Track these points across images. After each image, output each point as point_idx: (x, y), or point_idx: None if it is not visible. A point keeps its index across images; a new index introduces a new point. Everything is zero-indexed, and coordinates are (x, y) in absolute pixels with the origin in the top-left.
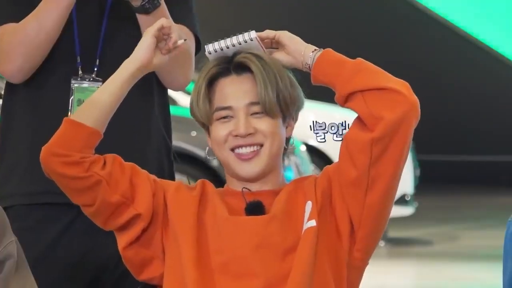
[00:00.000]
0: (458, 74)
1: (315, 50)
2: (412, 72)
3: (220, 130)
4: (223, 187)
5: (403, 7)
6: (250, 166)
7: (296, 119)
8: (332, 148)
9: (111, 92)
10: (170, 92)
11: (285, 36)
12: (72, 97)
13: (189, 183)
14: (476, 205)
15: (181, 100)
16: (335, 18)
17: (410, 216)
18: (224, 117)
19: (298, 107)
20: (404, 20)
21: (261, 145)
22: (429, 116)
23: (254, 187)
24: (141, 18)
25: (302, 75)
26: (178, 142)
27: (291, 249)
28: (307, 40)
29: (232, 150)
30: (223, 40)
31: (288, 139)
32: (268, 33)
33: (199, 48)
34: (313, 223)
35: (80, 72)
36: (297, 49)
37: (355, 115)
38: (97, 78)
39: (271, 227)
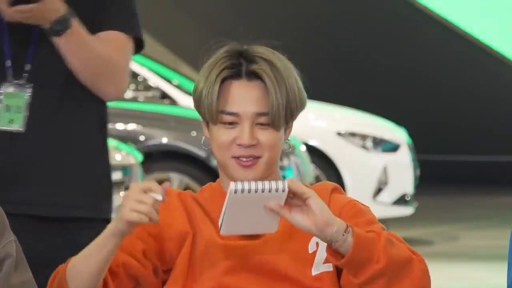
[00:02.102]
0: (458, 74)
1: (346, 230)
2: (412, 72)
3: (224, 135)
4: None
5: (403, 7)
6: (247, 172)
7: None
8: (332, 148)
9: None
10: (171, 92)
11: (315, 202)
12: (1, 104)
13: (170, 183)
14: (476, 205)
15: (181, 100)
16: (335, 18)
17: (410, 216)
18: (229, 123)
19: (302, 110)
20: (404, 20)
21: (259, 157)
22: (429, 116)
23: None
24: (55, 40)
25: (303, 75)
26: (178, 142)
27: (287, 277)
28: (306, 40)
29: (233, 157)
30: (252, 183)
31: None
32: (298, 189)
33: (141, 47)
34: (330, 267)
35: (9, 77)
36: (326, 222)
37: (357, 115)
38: (26, 85)
39: (266, 250)
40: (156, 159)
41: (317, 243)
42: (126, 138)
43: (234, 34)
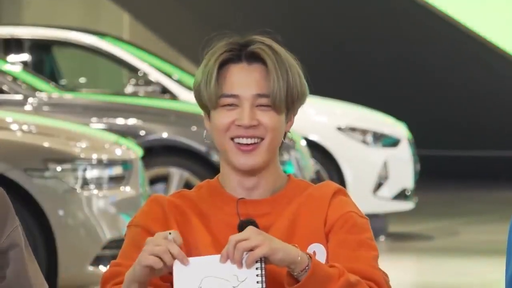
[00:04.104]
0: (458, 69)
1: (305, 269)
2: (412, 67)
3: (224, 117)
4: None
5: (403, 2)
6: (247, 158)
7: (296, 113)
8: (332, 143)
9: None
10: (171, 86)
11: (274, 260)
12: None
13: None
14: (476, 200)
15: (182, 95)
16: (335, 13)
17: (410, 211)
18: (229, 105)
19: (303, 103)
20: (405, 15)
21: (262, 139)
22: (430, 111)
23: (250, 182)
24: None
25: (305, 69)
26: (178, 136)
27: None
28: (307, 35)
29: (232, 139)
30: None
31: (286, 134)
32: (255, 258)
33: None
34: None
35: None
36: (288, 266)
37: (357, 109)
38: None
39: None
40: (157, 154)
41: (314, 252)
42: (127, 132)
43: (234, 30)
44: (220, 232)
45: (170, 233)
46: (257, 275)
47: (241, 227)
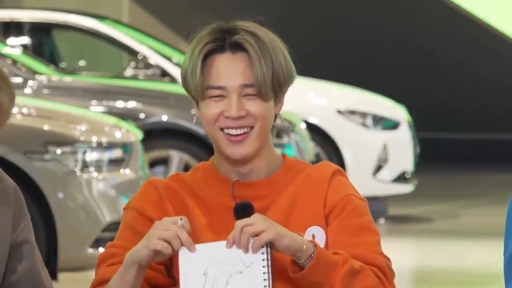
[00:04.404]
0: (458, 52)
1: (311, 256)
2: (412, 50)
3: (212, 109)
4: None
5: None
6: (238, 148)
7: (285, 93)
8: (332, 126)
9: None
10: (171, 69)
11: (280, 246)
12: None
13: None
14: (476, 183)
15: None
16: (334, 2)
17: (410, 193)
18: (216, 96)
19: (291, 84)
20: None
21: (251, 127)
22: (429, 94)
23: (244, 169)
24: None
25: (296, 52)
26: (178, 119)
27: (285, 271)
28: (306, 19)
29: (222, 129)
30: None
31: (276, 116)
32: (260, 243)
33: None
34: None
35: None
36: (293, 254)
37: (357, 92)
38: None
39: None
40: (156, 136)
41: (313, 235)
42: (126, 115)
43: (235, 14)
44: (216, 215)
45: (181, 219)
46: (263, 260)
47: (237, 210)
